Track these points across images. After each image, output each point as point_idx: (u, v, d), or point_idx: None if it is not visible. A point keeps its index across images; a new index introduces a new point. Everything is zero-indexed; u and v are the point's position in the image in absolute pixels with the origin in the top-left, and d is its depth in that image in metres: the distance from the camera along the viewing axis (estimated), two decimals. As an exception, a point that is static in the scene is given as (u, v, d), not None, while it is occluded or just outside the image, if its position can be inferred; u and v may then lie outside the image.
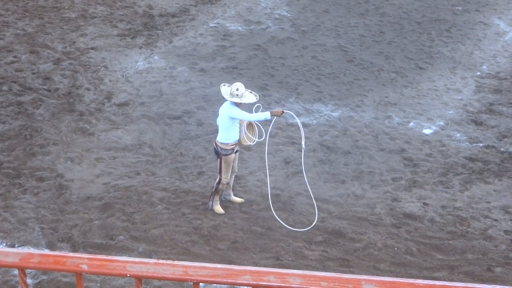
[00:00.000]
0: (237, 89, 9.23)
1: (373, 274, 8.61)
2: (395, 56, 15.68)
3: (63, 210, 9.87)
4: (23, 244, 9.13)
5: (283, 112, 9.42)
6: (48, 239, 9.24)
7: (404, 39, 16.65)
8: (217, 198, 9.93)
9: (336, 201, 10.30)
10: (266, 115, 9.27)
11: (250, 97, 9.44)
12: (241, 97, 9.26)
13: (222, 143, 9.46)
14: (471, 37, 16.93)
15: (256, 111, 9.89)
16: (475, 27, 17.63)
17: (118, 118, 12.42)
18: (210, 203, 9.96)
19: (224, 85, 9.55)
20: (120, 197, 10.18)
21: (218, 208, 9.94)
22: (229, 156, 9.54)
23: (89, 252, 9.02)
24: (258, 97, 9.54)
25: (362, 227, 9.70)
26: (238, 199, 10.23)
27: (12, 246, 9.07)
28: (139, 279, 2.73)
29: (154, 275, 2.64)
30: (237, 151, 9.73)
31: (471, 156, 11.63)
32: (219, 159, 9.65)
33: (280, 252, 9.13)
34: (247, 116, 9.27)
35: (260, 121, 9.62)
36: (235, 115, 9.23)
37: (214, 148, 9.65)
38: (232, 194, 10.24)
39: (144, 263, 2.65)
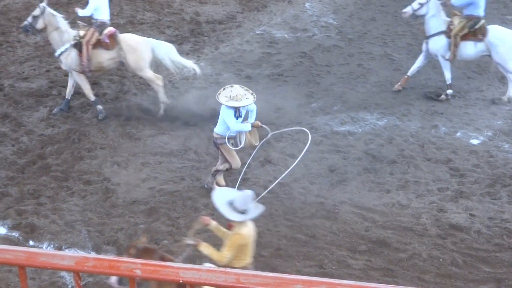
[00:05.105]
0: (231, 91, 9.71)
1: (417, 285, 8.53)
2: (442, 65, 15.46)
3: (109, 214, 10.01)
4: (70, 246, 9.29)
5: (261, 126, 10.08)
6: (94, 242, 9.38)
7: (451, 48, 16.44)
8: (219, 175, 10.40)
9: (380, 210, 10.22)
10: (248, 127, 9.91)
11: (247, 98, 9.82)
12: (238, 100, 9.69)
13: (217, 134, 9.99)
14: (520, 47, 16.62)
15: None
16: (525, 36, 17.31)
17: (164, 124, 12.55)
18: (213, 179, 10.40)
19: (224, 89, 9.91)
20: (165, 201, 10.28)
21: (220, 179, 10.46)
22: (224, 144, 9.96)
23: (134, 256, 9.10)
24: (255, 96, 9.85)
25: (407, 237, 9.60)
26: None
27: (60, 248, 9.23)
28: (192, 285, 2.76)
29: (207, 281, 2.66)
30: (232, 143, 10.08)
31: (520, 168, 11.42)
32: (219, 151, 10.14)
33: (324, 260, 9.09)
34: (233, 125, 9.75)
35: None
36: (227, 120, 9.75)
37: (213, 141, 10.23)
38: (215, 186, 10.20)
39: (197, 269, 2.67)
